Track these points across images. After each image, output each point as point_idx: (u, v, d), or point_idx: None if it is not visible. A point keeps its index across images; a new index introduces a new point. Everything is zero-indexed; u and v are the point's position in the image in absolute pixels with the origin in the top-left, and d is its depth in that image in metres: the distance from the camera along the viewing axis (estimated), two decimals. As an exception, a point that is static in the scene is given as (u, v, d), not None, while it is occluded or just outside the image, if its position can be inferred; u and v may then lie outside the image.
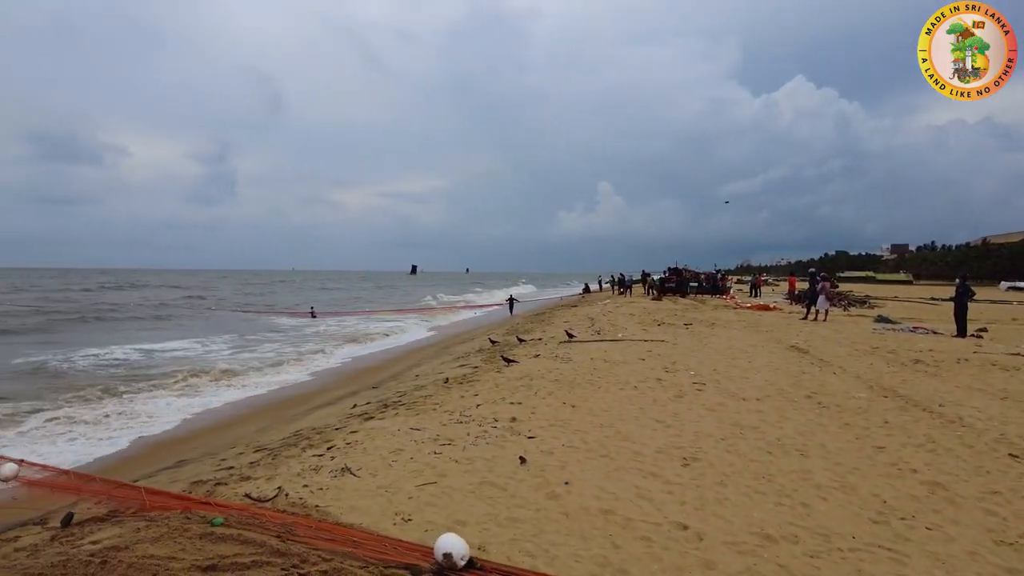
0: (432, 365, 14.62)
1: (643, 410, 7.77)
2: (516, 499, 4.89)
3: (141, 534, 4.45)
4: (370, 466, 5.71)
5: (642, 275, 39.43)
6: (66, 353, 17.79)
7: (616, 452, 6.07)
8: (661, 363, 11.26)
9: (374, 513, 4.59)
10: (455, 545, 3.59)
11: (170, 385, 13.20)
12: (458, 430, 6.93)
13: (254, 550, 3.98)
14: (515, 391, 9.01)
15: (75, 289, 58.59)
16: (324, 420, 8.82)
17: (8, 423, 9.77)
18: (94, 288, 61.59)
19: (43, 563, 4.11)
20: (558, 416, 7.47)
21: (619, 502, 4.83)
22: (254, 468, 6.19)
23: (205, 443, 8.76)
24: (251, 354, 18.71)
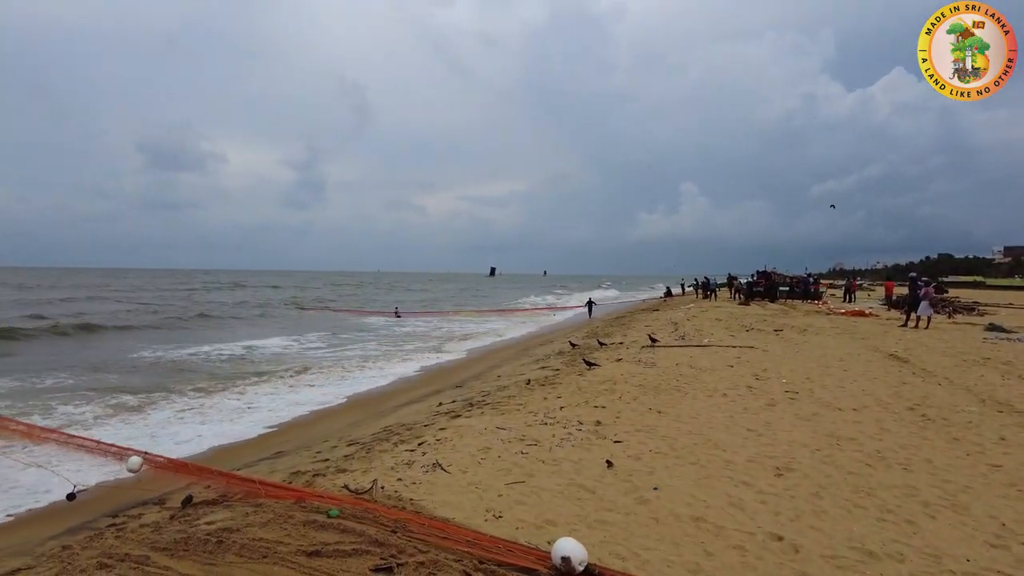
0: (512, 366, 14.78)
1: (733, 418, 7.60)
2: (605, 502, 4.92)
3: (250, 518, 4.78)
4: (460, 463, 5.89)
5: (728, 278, 38.26)
6: (179, 349, 19.37)
7: (706, 460, 5.98)
8: (751, 370, 10.95)
9: (466, 509, 4.74)
10: (573, 550, 3.57)
11: (272, 380, 14.03)
12: (543, 431, 7.02)
13: (354, 539, 4.20)
14: (598, 395, 9.01)
15: (181, 289, 62.81)
16: (412, 417, 9.11)
17: (132, 413, 10.64)
18: (199, 287, 65.88)
19: (166, 538, 4.49)
20: (644, 421, 7.42)
21: (710, 510, 4.77)
22: (349, 461, 6.50)
23: (299, 436, 9.22)
24: (343, 352, 19.58)
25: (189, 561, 4.03)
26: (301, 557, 3.96)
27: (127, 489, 6.50)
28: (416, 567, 3.70)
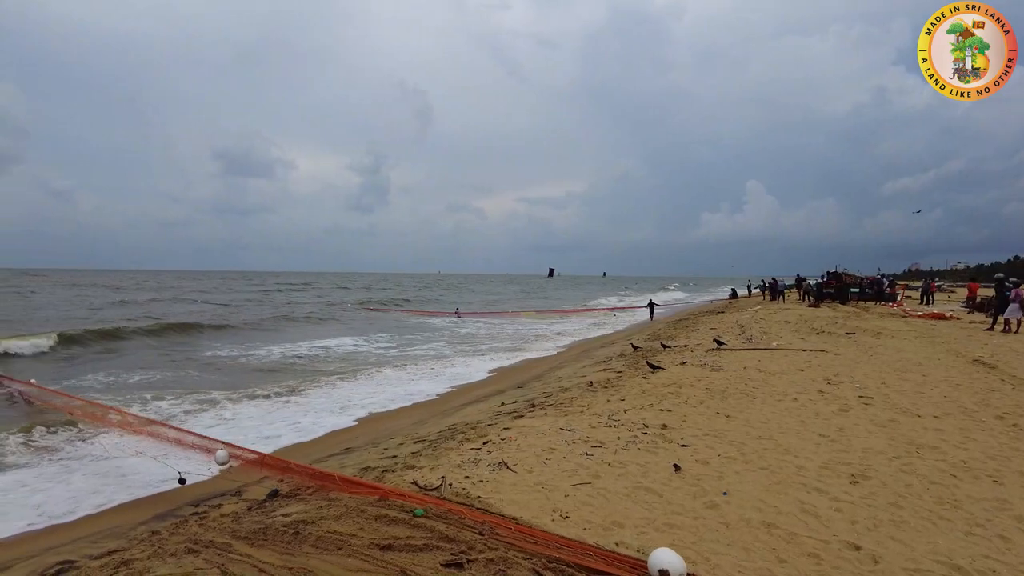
0: (574, 368, 14.73)
1: (804, 423, 7.37)
2: (673, 506, 4.87)
3: (324, 511, 4.96)
4: (525, 462, 5.93)
5: (796, 280, 36.98)
6: (258, 348, 20.39)
7: (777, 465, 5.83)
8: (822, 374, 10.58)
9: (533, 508, 4.78)
10: (672, 562, 3.37)
11: (345, 378, 14.50)
12: (608, 433, 6.98)
13: (425, 534, 4.30)
14: (663, 398, 8.89)
15: (255, 290, 65.23)
16: (475, 416, 9.21)
17: (219, 409, 11.16)
18: (271, 289, 68.41)
19: (246, 528, 4.72)
20: (712, 426, 7.29)
21: (782, 516, 4.65)
22: (416, 458, 6.64)
23: (367, 433, 9.46)
24: (410, 352, 20.08)
25: (268, 550, 4.21)
26: (374, 550, 4.08)
27: (207, 481, 6.86)
28: (486, 564, 3.76)
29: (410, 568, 3.78)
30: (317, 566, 3.89)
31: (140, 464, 7.36)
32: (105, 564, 4.29)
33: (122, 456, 7.68)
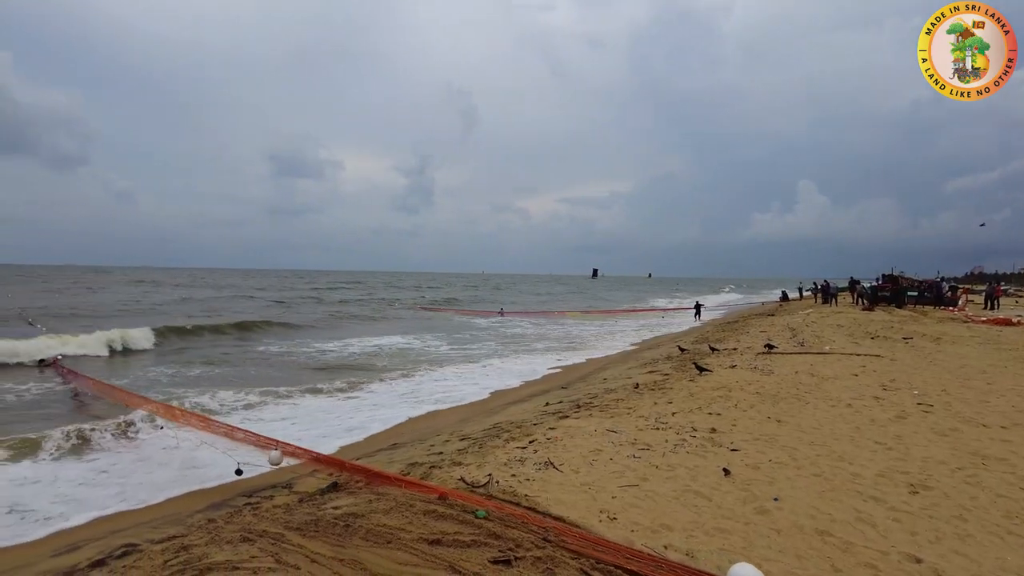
0: (619, 369, 14.61)
1: (859, 429, 7.14)
2: (722, 510, 4.79)
3: (373, 505, 5.05)
4: (571, 463, 5.92)
5: (850, 282, 35.79)
6: (313, 344, 21.00)
7: (830, 472, 5.67)
8: (878, 380, 10.23)
9: (580, 508, 4.77)
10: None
11: (399, 376, 14.78)
12: (655, 436, 6.91)
13: (473, 531, 4.34)
14: (712, 401, 8.74)
15: (307, 288, 66.75)
16: (520, 416, 9.22)
17: (271, 405, 11.47)
18: (322, 287, 69.94)
19: (298, 519, 4.84)
20: (762, 430, 7.13)
21: (836, 524, 4.52)
22: (463, 455, 6.69)
23: (413, 430, 9.58)
24: (460, 351, 20.35)
25: (319, 541, 4.32)
26: (423, 544, 4.14)
27: (258, 475, 7.06)
28: (534, 562, 3.77)
29: (458, 563, 3.81)
30: (367, 558, 3.96)
31: (197, 457, 7.63)
32: (166, 548, 4.46)
33: (180, 449, 7.97)
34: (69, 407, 10.87)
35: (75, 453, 7.98)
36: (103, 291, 48.54)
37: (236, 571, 3.82)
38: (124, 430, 8.87)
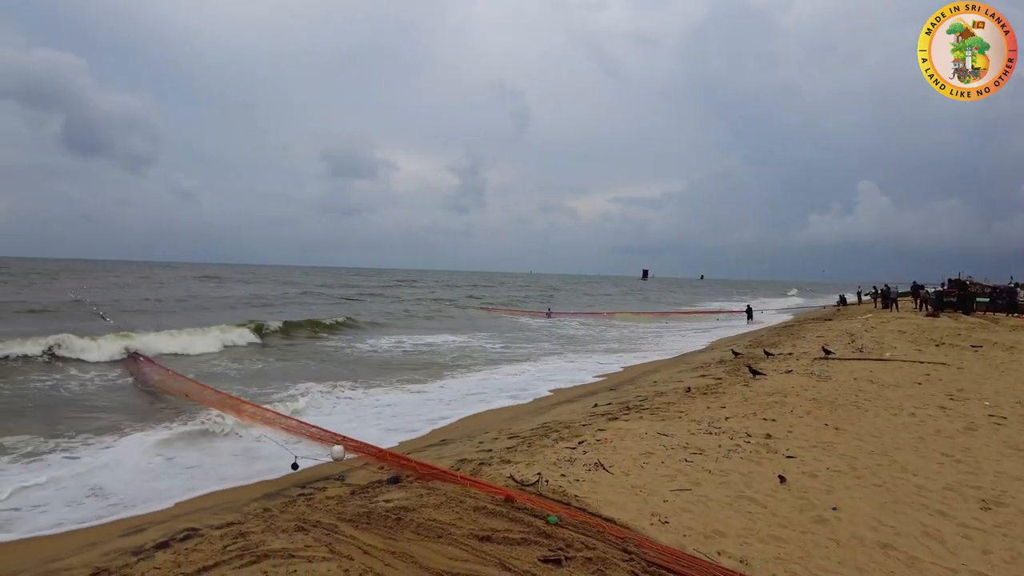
0: (670, 372, 14.38)
1: (923, 440, 6.85)
2: (778, 518, 4.66)
3: (424, 499, 5.10)
4: (622, 465, 5.86)
5: (912, 287, 34.37)
6: (373, 341, 21.34)
7: (892, 483, 5.45)
8: (943, 389, 9.79)
9: (630, 511, 4.71)
10: None
11: (454, 376, 14.91)
12: (708, 441, 6.78)
13: (523, 529, 4.34)
14: (767, 407, 8.52)
15: (369, 286, 67.58)
16: (569, 416, 9.17)
17: (328, 398, 11.73)
18: (382, 284, 71.02)
19: (350, 511, 4.93)
20: (819, 437, 6.92)
21: (900, 538, 4.34)
22: (512, 453, 6.69)
23: (463, 426, 9.62)
24: (513, 349, 20.51)
25: (371, 533, 4.39)
26: (473, 540, 4.16)
27: (312, 466, 7.23)
28: (584, 562, 3.74)
29: (508, 561, 3.82)
30: (418, 552, 4.01)
31: (257, 448, 7.87)
32: (225, 534, 4.61)
33: (244, 440, 8.24)
34: (144, 399, 11.34)
35: (150, 442, 8.33)
36: (173, 285, 50.51)
37: (292, 559, 3.92)
38: (196, 422, 9.22)
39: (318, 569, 3.76)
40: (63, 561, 4.78)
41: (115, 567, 4.31)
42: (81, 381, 12.39)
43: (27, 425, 8.71)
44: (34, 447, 7.79)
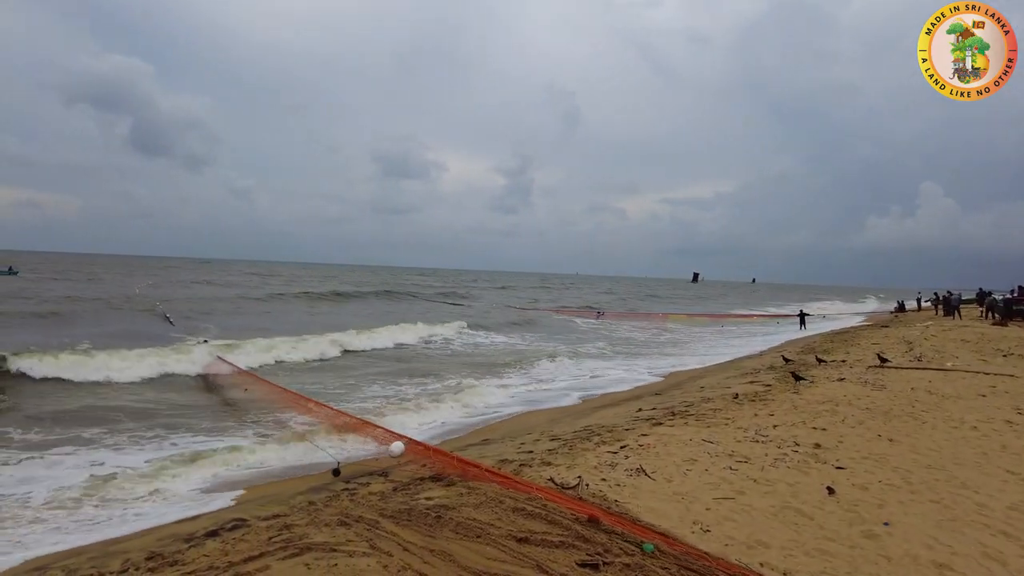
0: (717, 378, 14.10)
1: (987, 456, 6.53)
2: (825, 531, 4.52)
3: (464, 499, 5.14)
4: (664, 471, 5.77)
5: (978, 294, 32.75)
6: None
7: (951, 499, 5.21)
8: (1011, 402, 9.30)
9: (672, 518, 4.64)
10: None
11: (507, 374, 15.13)
12: (754, 449, 6.62)
13: (561, 531, 4.33)
14: (817, 415, 8.27)
15: (423, 285, 68.16)
16: (612, 420, 9.09)
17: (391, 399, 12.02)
18: (441, 284, 71.27)
19: (392, 507, 5.01)
20: (872, 449, 6.67)
21: (958, 558, 4.15)
22: (553, 455, 6.68)
23: (504, 427, 9.66)
24: (575, 348, 20.60)
25: (411, 530, 4.45)
26: (511, 542, 4.17)
27: (356, 461, 7.38)
28: (622, 568, 3.71)
29: (546, 563, 3.81)
30: (457, 551, 4.04)
31: (308, 445, 8.09)
32: (271, 525, 4.75)
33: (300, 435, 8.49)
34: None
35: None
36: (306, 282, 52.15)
37: (334, 552, 4.00)
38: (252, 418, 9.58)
39: (358, 564, 3.83)
40: (120, 544, 5.01)
41: (168, 552, 4.50)
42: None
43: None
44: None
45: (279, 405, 10.26)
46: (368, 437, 7.97)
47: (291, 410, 9.91)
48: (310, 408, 9.56)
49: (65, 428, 8.78)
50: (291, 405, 10.04)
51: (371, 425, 8.30)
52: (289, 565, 3.88)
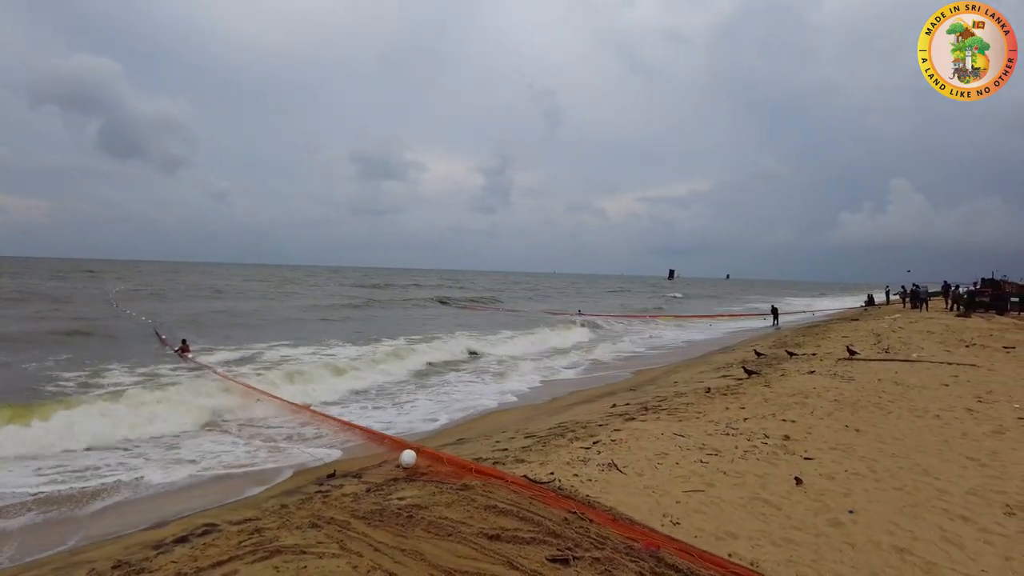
0: (691, 373, 14.27)
1: (947, 443, 6.70)
2: (792, 520, 4.60)
3: (436, 498, 5.13)
4: (635, 465, 5.83)
5: (943, 287, 33.52)
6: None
7: (913, 486, 5.34)
8: (971, 391, 9.55)
9: (642, 511, 4.69)
10: None
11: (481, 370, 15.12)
12: (725, 442, 6.71)
13: (532, 528, 4.35)
14: (787, 408, 8.41)
15: (418, 287, 67.02)
16: (585, 416, 9.15)
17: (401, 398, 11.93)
18: (429, 284, 70.30)
19: (364, 508, 4.99)
20: (839, 439, 6.80)
21: (919, 543, 4.26)
22: (527, 452, 6.70)
23: (478, 426, 9.64)
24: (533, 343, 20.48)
25: (383, 530, 4.43)
26: (482, 539, 4.17)
27: (330, 462, 7.34)
28: (592, 562, 3.74)
29: (516, 560, 3.83)
30: (428, 550, 4.04)
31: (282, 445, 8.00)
32: (242, 529, 4.70)
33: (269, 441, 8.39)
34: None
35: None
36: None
37: (303, 555, 3.98)
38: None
39: (328, 565, 3.81)
40: (86, 554, 4.92)
41: (135, 560, 4.42)
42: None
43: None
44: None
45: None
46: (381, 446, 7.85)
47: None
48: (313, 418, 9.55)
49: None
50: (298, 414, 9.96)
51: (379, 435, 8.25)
52: (258, 569, 3.85)
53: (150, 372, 13.39)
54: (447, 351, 17.64)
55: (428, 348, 17.50)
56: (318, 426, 9.20)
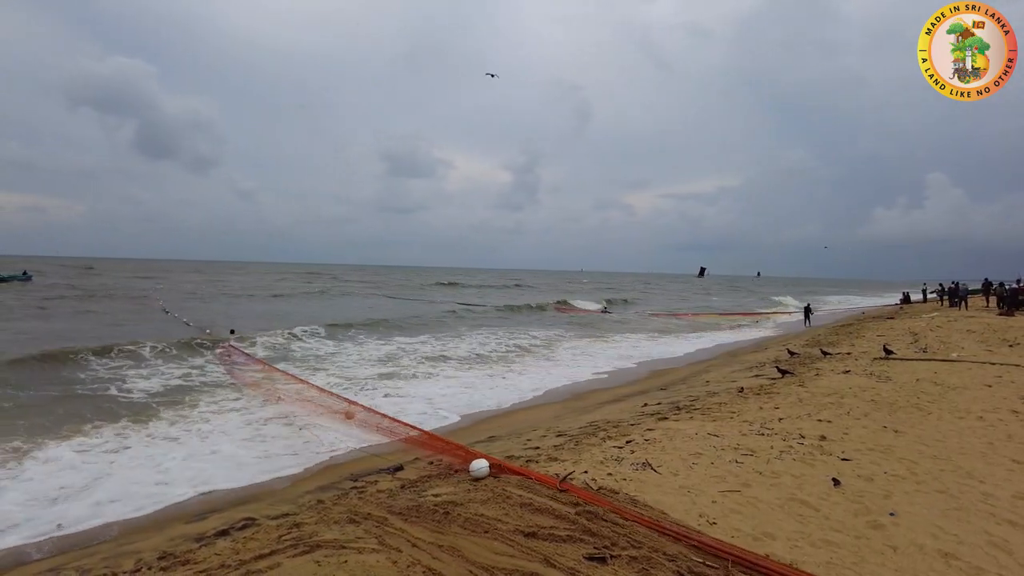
0: (722, 372, 14.12)
1: (992, 446, 6.53)
2: (831, 521, 4.54)
3: (471, 495, 5.17)
4: (670, 465, 5.80)
5: (984, 284, 32.54)
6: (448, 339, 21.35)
7: (957, 489, 5.23)
8: (1016, 392, 9.29)
9: (678, 511, 4.67)
10: None
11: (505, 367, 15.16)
12: (760, 442, 6.64)
13: (568, 526, 4.36)
14: (822, 408, 8.28)
15: (431, 285, 67.72)
16: (617, 415, 9.13)
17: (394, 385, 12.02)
18: (436, 284, 71.01)
19: (400, 504, 5.04)
20: (877, 440, 6.68)
21: (964, 547, 4.17)
22: (559, 451, 6.71)
23: (509, 424, 9.66)
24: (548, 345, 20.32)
25: (420, 527, 4.48)
26: (519, 536, 4.20)
27: (364, 458, 7.43)
28: (629, 561, 3.74)
29: (553, 557, 3.84)
30: (465, 546, 4.07)
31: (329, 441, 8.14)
32: (280, 524, 4.80)
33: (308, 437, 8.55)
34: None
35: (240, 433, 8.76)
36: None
37: (343, 550, 4.04)
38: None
39: (368, 560, 3.87)
40: (132, 545, 5.07)
41: (180, 551, 4.55)
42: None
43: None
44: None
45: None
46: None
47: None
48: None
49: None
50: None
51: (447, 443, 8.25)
52: (300, 562, 3.92)
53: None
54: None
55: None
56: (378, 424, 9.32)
